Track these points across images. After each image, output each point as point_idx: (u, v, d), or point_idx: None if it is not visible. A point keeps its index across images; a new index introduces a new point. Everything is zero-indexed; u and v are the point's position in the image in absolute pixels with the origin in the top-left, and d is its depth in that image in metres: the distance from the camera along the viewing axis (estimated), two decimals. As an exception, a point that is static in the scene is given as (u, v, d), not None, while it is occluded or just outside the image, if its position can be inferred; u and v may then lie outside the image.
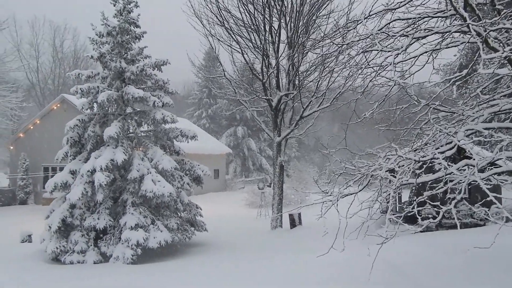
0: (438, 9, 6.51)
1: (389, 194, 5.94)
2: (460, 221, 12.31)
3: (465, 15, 5.35)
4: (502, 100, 6.52)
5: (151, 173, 12.02)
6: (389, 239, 5.69)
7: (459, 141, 5.49)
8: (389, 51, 6.19)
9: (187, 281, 9.13)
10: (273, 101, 16.17)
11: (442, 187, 5.81)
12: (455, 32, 6.23)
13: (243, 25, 15.98)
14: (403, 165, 6.05)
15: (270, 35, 15.82)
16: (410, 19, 6.45)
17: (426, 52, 6.59)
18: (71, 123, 12.69)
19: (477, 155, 5.22)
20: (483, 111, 6.43)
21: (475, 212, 12.23)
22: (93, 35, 13.18)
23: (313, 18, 15.81)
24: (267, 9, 15.21)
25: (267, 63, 15.92)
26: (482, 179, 5.06)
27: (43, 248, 11.96)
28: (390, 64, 6.11)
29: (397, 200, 15.51)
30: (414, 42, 6.23)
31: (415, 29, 6.45)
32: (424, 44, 6.67)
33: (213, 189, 31.47)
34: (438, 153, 5.54)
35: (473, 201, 12.55)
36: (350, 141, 8.26)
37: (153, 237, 11.46)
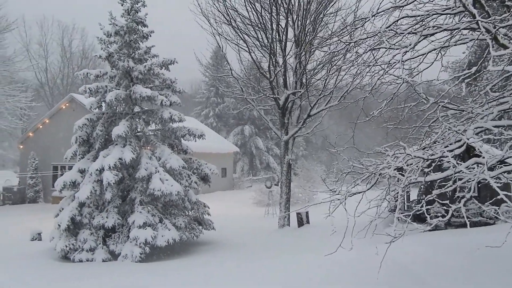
0: (446, 6, 6.45)
1: (398, 192, 5.91)
2: (469, 220, 12.19)
3: (474, 11, 5.30)
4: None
5: (159, 171, 12.07)
6: (398, 238, 5.66)
7: (468, 139, 5.44)
8: (397, 49, 6.16)
9: (187, 281, 9.08)
10: (281, 99, 16.15)
11: (451, 186, 5.77)
12: (464, 29, 6.17)
13: (250, 23, 15.97)
14: (412, 164, 6.02)
15: (277, 34, 15.80)
16: (418, 16, 6.40)
17: (434, 49, 6.52)
18: (80, 122, 12.79)
19: (487, 153, 5.17)
20: (492, 108, 6.36)
21: (484, 210, 12.13)
22: (101, 34, 13.26)
23: (321, 16, 15.75)
24: (274, 7, 15.19)
25: (274, 62, 15.90)
26: (492, 177, 5.01)
27: (52, 246, 12.07)
28: (398, 62, 6.07)
29: (406, 198, 15.41)
30: (422, 39, 6.19)
31: (423, 27, 6.39)
32: (432, 41, 6.61)
33: (220, 187, 31.54)
34: (447, 151, 5.50)
35: (482, 200, 12.44)
36: (358, 140, 8.22)
37: (161, 236, 11.51)
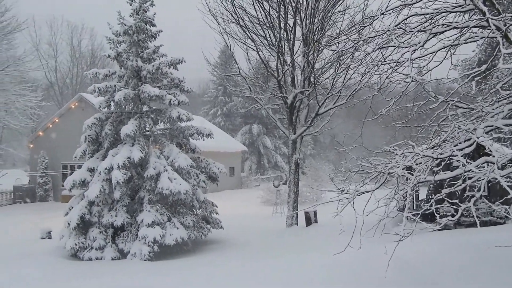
0: (456, 3, 6.39)
1: (406, 192, 5.88)
2: (479, 219, 12.06)
3: (484, 9, 5.25)
4: (523, 95, 6.38)
5: (167, 170, 12.12)
6: (406, 237, 5.63)
7: (478, 138, 5.39)
8: (406, 47, 6.11)
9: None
10: (288, 98, 16.12)
11: (460, 185, 5.72)
12: (474, 27, 6.11)
13: (258, 22, 15.95)
14: (421, 163, 5.98)
15: (285, 32, 15.76)
16: (427, 14, 6.35)
17: (444, 47, 6.47)
18: (89, 121, 12.88)
19: (497, 152, 5.12)
20: (503, 107, 6.30)
21: (494, 210, 12.00)
22: (110, 34, 13.34)
23: (329, 14, 15.68)
24: (282, 6, 15.15)
25: (282, 61, 15.86)
26: (502, 176, 4.96)
27: (62, 244, 12.17)
28: (407, 60, 6.04)
29: (415, 198, 15.30)
30: (431, 37, 6.14)
31: (432, 25, 6.34)
32: (442, 39, 6.56)
33: (228, 186, 31.58)
34: (456, 150, 5.45)
35: (492, 199, 12.32)
36: (366, 139, 8.18)
37: (170, 234, 11.57)
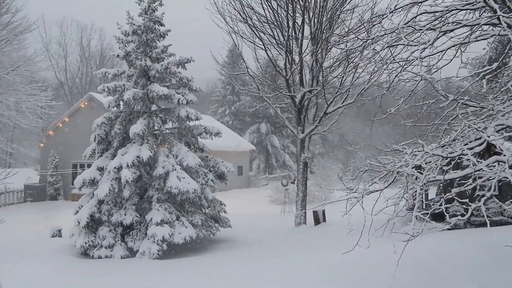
0: (466, 1, 6.33)
1: (416, 191, 5.84)
2: (489, 219, 11.95)
3: (495, 6, 5.20)
4: (534, 94, 6.31)
5: (176, 169, 12.17)
6: (416, 236, 5.60)
7: (489, 137, 5.34)
8: (415, 46, 6.08)
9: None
10: (297, 97, 16.09)
11: (470, 184, 5.68)
12: (485, 24, 6.06)
13: (266, 21, 15.92)
14: (430, 162, 5.94)
15: (293, 31, 15.73)
16: (437, 12, 6.31)
17: (454, 45, 6.43)
18: (98, 120, 12.97)
19: (508, 151, 5.07)
20: (514, 105, 6.24)
21: (505, 210, 11.88)
22: (119, 34, 13.42)
23: (337, 13, 15.62)
24: (290, 4, 15.13)
25: (290, 60, 15.84)
26: (513, 175, 4.91)
27: (72, 243, 12.27)
28: (416, 58, 6.00)
29: (424, 197, 15.19)
30: (441, 35, 6.10)
31: (442, 23, 6.30)
32: (452, 37, 6.51)
33: (236, 185, 31.61)
34: (466, 149, 5.41)
35: (503, 198, 12.19)
36: (375, 137, 8.16)
37: (178, 233, 11.62)
